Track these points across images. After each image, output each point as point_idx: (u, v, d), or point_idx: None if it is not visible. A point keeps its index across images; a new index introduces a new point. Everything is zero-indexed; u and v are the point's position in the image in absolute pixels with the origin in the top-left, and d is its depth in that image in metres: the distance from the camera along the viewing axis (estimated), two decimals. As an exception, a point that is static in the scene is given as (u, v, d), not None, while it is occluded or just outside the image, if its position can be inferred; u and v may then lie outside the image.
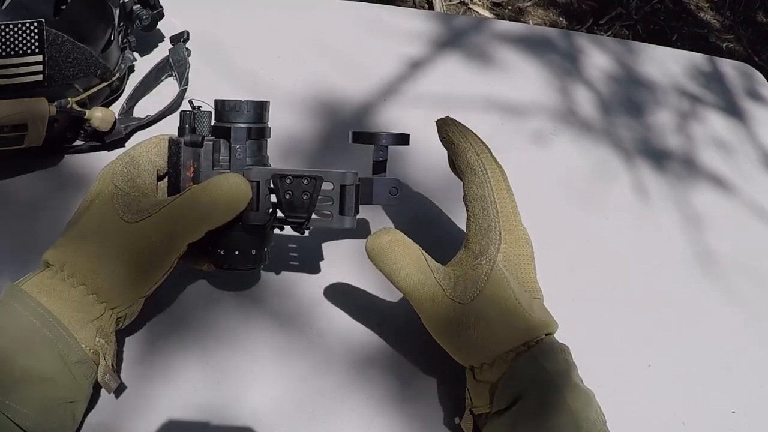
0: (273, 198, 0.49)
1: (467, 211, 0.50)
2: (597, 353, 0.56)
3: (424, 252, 0.48)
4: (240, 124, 0.49)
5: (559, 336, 0.49)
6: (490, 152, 0.51)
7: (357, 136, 0.51)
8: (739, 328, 0.64)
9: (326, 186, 0.49)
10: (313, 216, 0.49)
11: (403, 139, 0.51)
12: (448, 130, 0.51)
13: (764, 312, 0.66)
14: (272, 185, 0.49)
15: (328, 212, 0.50)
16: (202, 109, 0.50)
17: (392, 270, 0.47)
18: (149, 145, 0.50)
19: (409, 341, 0.55)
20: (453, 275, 0.47)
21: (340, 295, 0.58)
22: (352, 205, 0.49)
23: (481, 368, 0.46)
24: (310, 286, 0.58)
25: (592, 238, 0.68)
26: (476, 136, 0.51)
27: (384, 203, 0.52)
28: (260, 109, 0.50)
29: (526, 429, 0.43)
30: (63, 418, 0.43)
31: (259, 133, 0.50)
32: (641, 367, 0.58)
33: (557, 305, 0.51)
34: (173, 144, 0.49)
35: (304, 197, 0.48)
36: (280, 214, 0.50)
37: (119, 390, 0.48)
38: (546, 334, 0.47)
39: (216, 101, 0.50)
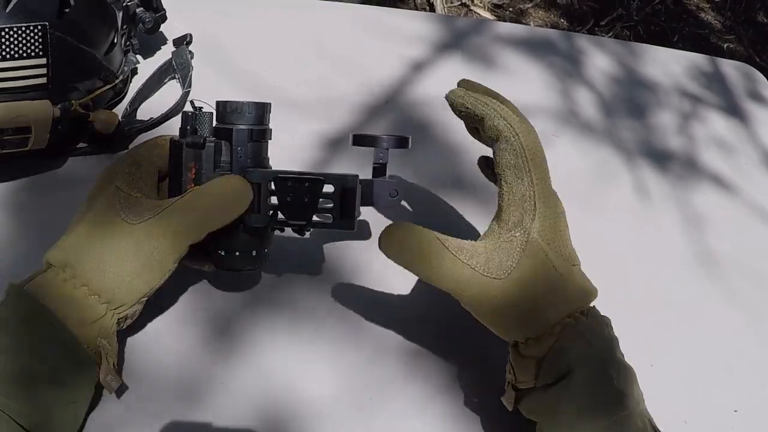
0: (274, 200, 0.50)
1: (500, 179, 0.47)
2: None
3: (441, 236, 0.46)
4: (241, 126, 0.49)
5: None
6: (518, 113, 0.48)
7: (357, 139, 0.51)
8: (740, 327, 0.64)
9: (327, 188, 0.49)
10: (314, 218, 0.49)
11: (403, 142, 0.51)
12: (464, 101, 0.49)
13: (765, 312, 0.66)
14: (273, 187, 0.49)
15: (329, 214, 0.50)
16: (203, 110, 0.50)
17: (411, 263, 0.46)
18: (151, 146, 0.51)
19: (417, 334, 0.56)
20: (484, 251, 0.46)
21: (342, 294, 0.58)
22: (352, 208, 0.50)
23: (526, 343, 0.46)
24: (310, 287, 0.58)
25: (592, 238, 0.68)
26: (497, 96, 0.48)
27: (384, 205, 0.52)
28: (261, 110, 0.50)
29: (572, 404, 0.43)
30: (65, 418, 0.43)
31: (260, 135, 0.50)
32: (643, 366, 0.58)
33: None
34: (175, 145, 0.49)
35: (305, 200, 0.48)
36: (280, 216, 0.50)
37: (121, 390, 0.49)
38: (589, 307, 0.47)
39: (217, 103, 0.50)
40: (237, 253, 0.50)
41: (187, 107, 0.52)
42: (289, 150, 0.68)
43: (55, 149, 0.59)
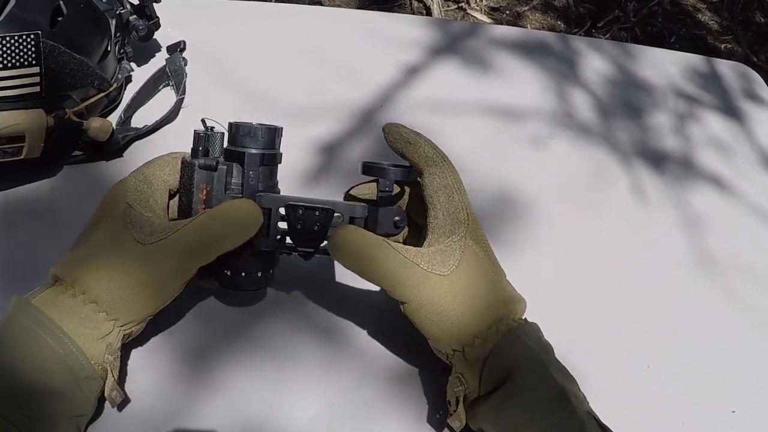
0: (282, 224, 0.50)
1: (430, 201, 0.49)
2: (596, 354, 0.56)
3: (386, 240, 0.48)
4: (253, 150, 0.49)
5: (559, 338, 0.49)
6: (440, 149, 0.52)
7: (367, 168, 0.51)
8: (738, 327, 0.64)
9: (335, 216, 0.50)
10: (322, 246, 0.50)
11: (410, 174, 0.51)
12: (400, 130, 0.51)
13: (763, 311, 0.66)
14: (284, 213, 0.49)
15: None
16: (214, 130, 0.51)
17: (358, 261, 0.47)
18: (162, 163, 0.51)
19: (404, 347, 0.56)
20: (427, 252, 0.48)
21: (343, 313, 0.58)
22: None
23: (473, 344, 0.46)
24: (313, 303, 0.58)
25: (590, 240, 0.69)
26: (425, 136, 0.52)
27: (387, 233, 0.51)
28: (273, 134, 0.50)
29: (516, 404, 0.44)
30: (68, 430, 0.43)
31: (271, 159, 0.50)
32: (640, 368, 0.58)
33: (556, 307, 0.52)
34: (187, 166, 0.49)
35: (315, 228, 0.49)
36: (289, 241, 0.50)
37: (122, 403, 0.49)
38: (523, 318, 0.49)
39: (230, 124, 0.50)
40: (243, 274, 0.50)
41: (189, 122, 0.52)
42: (285, 157, 0.67)
43: (50, 158, 0.59)
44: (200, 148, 0.50)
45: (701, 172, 0.80)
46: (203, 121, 0.51)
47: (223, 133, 0.51)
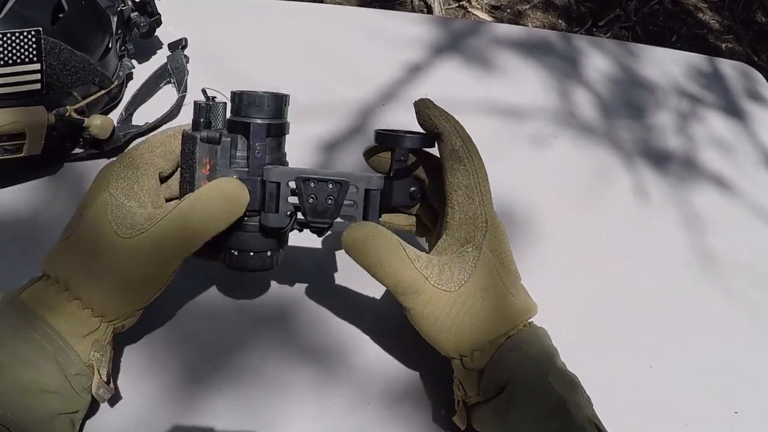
0: (292, 199, 0.47)
1: (450, 198, 0.48)
2: (598, 355, 0.56)
3: (402, 242, 0.46)
4: (259, 120, 0.46)
5: (561, 338, 0.48)
6: (471, 139, 0.49)
7: (380, 137, 0.48)
8: (740, 328, 0.64)
9: (350, 189, 0.47)
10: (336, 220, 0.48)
11: (427, 141, 0.48)
12: (430, 113, 0.48)
13: (765, 312, 0.66)
14: (294, 188, 0.46)
15: (351, 215, 0.48)
16: (216, 100, 0.47)
17: (371, 263, 0.45)
18: (152, 144, 0.48)
19: (409, 347, 0.55)
20: (438, 263, 0.46)
21: (348, 303, 0.58)
22: (376, 211, 0.48)
23: (471, 356, 0.46)
24: (319, 295, 0.58)
25: (592, 239, 0.68)
26: (457, 120, 0.49)
27: (402, 204, 0.49)
28: (280, 102, 0.47)
29: (513, 415, 0.43)
30: (63, 428, 0.43)
31: (278, 129, 0.47)
32: (643, 368, 0.58)
33: (558, 307, 0.51)
34: (188, 139, 0.46)
35: (329, 202, 0.47)
36: (299, 216, 0.48)
37: (114, 399, 0.48)
38: (528, 322, 0.48)
39: (233, 93, 0.47)
40: (251, 254, 0.48)
41: (200, 97, 0.48)
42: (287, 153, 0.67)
43: (50, 155, 0.59)
44: (201, 120, 0.46)
45: (703, 172, 0.80)
46: (204, 91, 0.48)
47: (225, 104, 0.47)
